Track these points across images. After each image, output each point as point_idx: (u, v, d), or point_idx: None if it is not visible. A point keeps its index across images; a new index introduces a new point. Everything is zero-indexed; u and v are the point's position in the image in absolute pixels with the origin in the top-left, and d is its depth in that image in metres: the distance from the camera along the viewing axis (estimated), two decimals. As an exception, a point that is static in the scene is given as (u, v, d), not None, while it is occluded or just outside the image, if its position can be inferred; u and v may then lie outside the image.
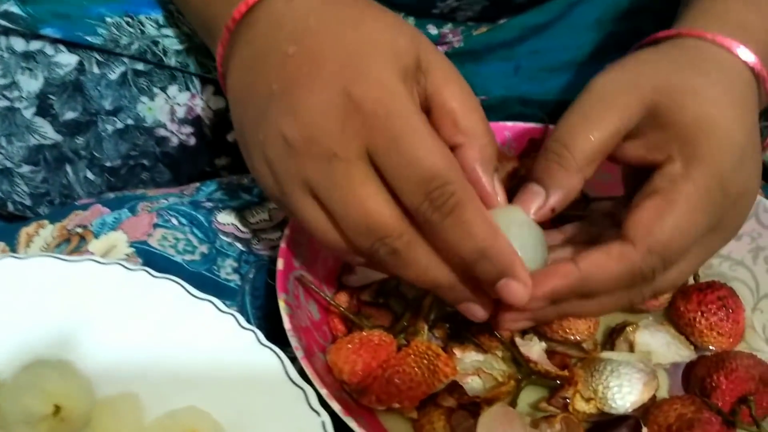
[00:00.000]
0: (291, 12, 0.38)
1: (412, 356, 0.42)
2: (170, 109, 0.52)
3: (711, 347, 0.46)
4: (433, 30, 0.57)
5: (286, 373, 0.36)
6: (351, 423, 0.35)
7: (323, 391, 0.36)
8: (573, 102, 0.39)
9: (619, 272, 0.36)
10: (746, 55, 0.40)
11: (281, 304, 0.40)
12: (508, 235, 0.37)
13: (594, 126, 0.38)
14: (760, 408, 0.42)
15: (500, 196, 0.39)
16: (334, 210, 0.35)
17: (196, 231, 0.47)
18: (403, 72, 0.36)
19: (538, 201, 0.39)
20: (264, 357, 0.37)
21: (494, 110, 0.61)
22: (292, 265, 0.44)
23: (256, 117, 0.37)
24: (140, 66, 0.51)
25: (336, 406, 0.35)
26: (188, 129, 0.53)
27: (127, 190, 0.54)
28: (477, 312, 0.38)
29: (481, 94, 0.60)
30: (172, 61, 0.51)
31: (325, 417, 0.35)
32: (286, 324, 0.39)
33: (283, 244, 0.43)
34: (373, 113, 0.34)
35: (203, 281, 0.45)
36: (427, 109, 0.38)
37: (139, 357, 0.38)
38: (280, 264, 0.42)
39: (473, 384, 0.43)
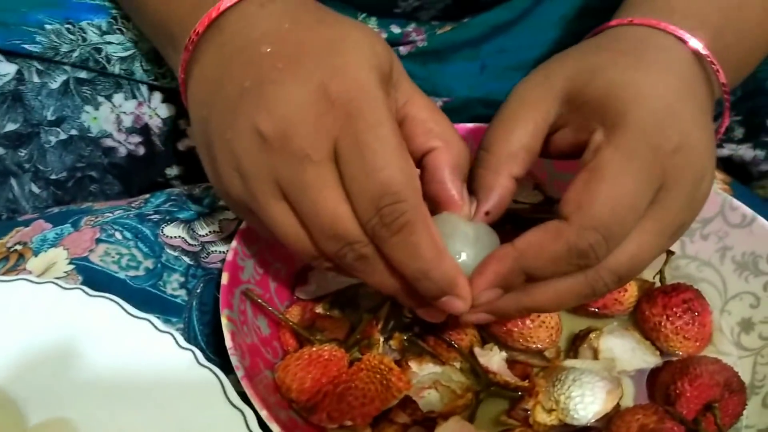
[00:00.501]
0: (265, 15, 0.37)
1: (365, 371, 0.40)
2: (116, 118, 0.50)
3: (678, 352, 0.45)
4: (396, 29, 0.56)
5: (225, 394, 0.35)
6: (290, 446, 0.33)
7: (263, 413, 0.34)
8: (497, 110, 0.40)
9: (557, 250, 0.35)
10: (692, 41, 0.39)
11: (224, 321, 0.38)
12: (454, 236, 0.37)
13: (512, 126, 0.38)
14: (726, 415, 0.40)
15: (465, 205, 0.38)
16: (304, 213, 0.35)
17: (141, 245, 0.45)
18: (381, 75, 0.35)
19: (471, 208, 0.39)
20: (202, 377, 0.35)
21: (457, 112, 0.60)
22: (239, 279, 0.42)
23: (225, 115, 0.36)
24: (83, 74, 0.49)
25: (276, 429, 0.34)
26: (136, 138, 0.51)
27: (75, 203, 0.52)
28: (437, 315, 0.38)
29: (445, 95, 0.59)
30: (116, 69, 0.49)
31: (265, 440, 0.33)
32: (228, 342, 0.37)
33: (229, 257, 0.42)
34: (345, 113, 0.34)
35: (148, 298, 0.43)
36: (399, 120, 0.38)
37: (73, 379, 0.36)
38: (224, 278, 0.40)
39: (430, 398, 0.42)
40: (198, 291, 0.44)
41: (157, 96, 0.51)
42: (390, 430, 0.39)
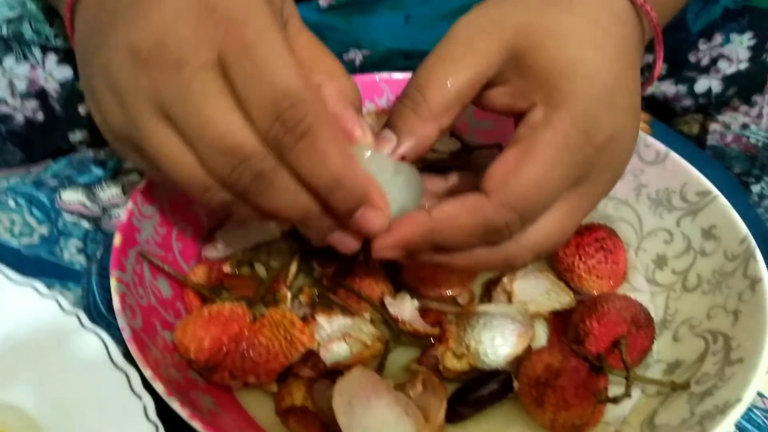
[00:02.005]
0: None
1: (268, 327, 0.39)
2: (8, 83, 0.48)
3: (592, 291, 0.44)
4: (317, -19, 0.54)
5: (110, 357, 0.33)
6: (173, 404, 0.32)
7: (147, 373, 0.33)
8: (436, 45, 0.37)
9: (471, 224, 0.34)
10: None
11: (112, 283, 0.37)
12: (371, 164, 0.35)
13: (452, 71, 0.36)
14: (634, 350, 0.40)
15: (368, 136, 0.35)
16: (188, 129, 0.32)
17: (35, 212, 0.43)
18: None
19: (388, 147, 0.36)
20: (87, 341, 0.34)
21: (378, 65, 0.58)
22: (135, 240, 0.40)
23: (100, 41, 0.33)
24: (-32, 38, 0.47)
25: (159, 388, 0.33)
26: (33, 104, 0.49)
27: (-24, 174, 0.50)
28: (349, 242, 0.36)
29: (368, 48, 0.58)
30: (2, 31, 0.47)
31: (148, 400, 0.32)
32: (116, 304, 0.36)
33: (123, 218, 0.40)
34: (228, 18, 0.31)
35: (43, 265, 0.42)
36: None
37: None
38: (116, 240, 0.39)
39: (339, 350, 0.41)
40: (98, 256, 0.43)
41: (52, 58, 0.49)
42: (296, 384, 0.39)
